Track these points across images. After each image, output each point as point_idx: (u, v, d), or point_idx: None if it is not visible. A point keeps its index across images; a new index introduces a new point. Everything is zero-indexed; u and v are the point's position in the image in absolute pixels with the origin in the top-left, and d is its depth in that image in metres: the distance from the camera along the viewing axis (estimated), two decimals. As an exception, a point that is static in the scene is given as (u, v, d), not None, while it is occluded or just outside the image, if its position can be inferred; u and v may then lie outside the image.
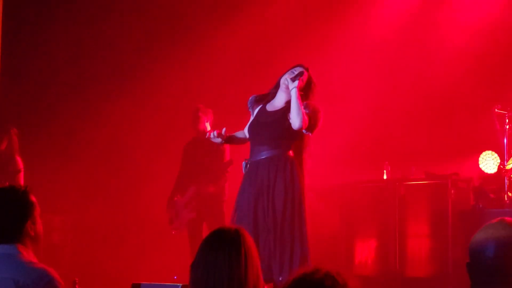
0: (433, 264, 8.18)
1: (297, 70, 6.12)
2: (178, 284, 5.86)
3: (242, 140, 6.36)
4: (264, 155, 6.05)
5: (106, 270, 9.62)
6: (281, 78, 6.17)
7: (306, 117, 5.95)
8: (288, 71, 6.17)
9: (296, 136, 6.06)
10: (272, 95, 6.25)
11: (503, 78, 8.73)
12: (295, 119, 5.91)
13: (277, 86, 6.21)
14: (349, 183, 9.00)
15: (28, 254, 3.46)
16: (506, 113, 7.83)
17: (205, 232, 8.41)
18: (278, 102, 6.19)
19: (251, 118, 6.26)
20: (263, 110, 6.22)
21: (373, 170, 9.10)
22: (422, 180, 8.57)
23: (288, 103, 6.05)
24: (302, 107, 5.94)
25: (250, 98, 6.35)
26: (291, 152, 6.05)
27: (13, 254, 3.43)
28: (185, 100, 10.14)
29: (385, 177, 8.91)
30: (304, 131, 6.01)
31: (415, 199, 8.48)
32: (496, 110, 7.88)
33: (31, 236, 3.51)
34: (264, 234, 5.95)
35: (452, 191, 8.26)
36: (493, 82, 8.95)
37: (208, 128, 8.57)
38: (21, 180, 8.88)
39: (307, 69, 6.16)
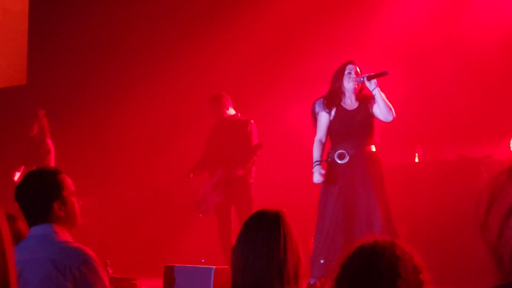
0: (466, 249, 8.10)
1: (351, 68, 6.61)
2: (212, 266, 5.86)
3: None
4: (355, 150, 6.52)
5: (136, 252, 9.66)
6: (340, 80, 6.63)
7: (393, 109, 6.53)
8: (343, 70, 6.64)
9: (377, 127, 6.69)
10: (338, 97, 6.66)
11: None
12: (388, 115, 6.51)
13: (338, 89, 6.64)
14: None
15: (63, 234, 3.46)
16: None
17: (233, 216, 8.38)
18: (351, 102, 6.67)
19: (330, 118, 6.65)
20: (342, 110, 6.65)
21: (405, 153, 9.03)
22: (454, 163, 8.49)
23: (362, 100, 6.61)
24: (385, 100, 6.50)
25: (317, 102, 6.75)
26: (373, 148, 6.63)
27: (48, 234, 3.43)
28: (201, 87, 10.15)
29: (417, 160, 8.83)
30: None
31: (448, 182, 8.40)
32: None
33: (62, 216, 3.50)
34: (354, 224, 6.39)
35: (485, 174, 8.16)
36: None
37: (233, 112, 8.56)
38: (51, 161, 8.92)
39: (383, 73, 6.53)
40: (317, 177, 6.53)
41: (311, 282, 6.25)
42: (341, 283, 2.34)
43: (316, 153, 6.63)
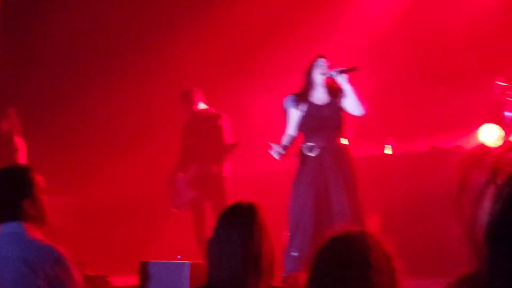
0: (438, 238, 8.17)
1: (322, 62, 6.67)
2: (187, 261, 5.87)
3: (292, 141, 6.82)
4: (325, 143, 6.57)
5: (110, 250, 9.63)
6: (311, 74, 6.69)
7: (363, 104, 6.59)
8: (314, 65, 6.70)
9: (347, 122, 6.74)
10: (309, 91, 6.73)
11: (505, 50, 8.68)
12: (358, 109, 6.58)
13: (309, 83, 6.71)
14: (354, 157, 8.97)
15: (34, 232, 3.44)
16: (507, 85, 7.79)
17: (208, 211, 8.39)
18: (321, 96, 6.73)
19: (300, 114, 6.70)
20: (312, 105, 6.70)
21: (376, 145, 9.08)
22: (426, 154, 8.57)
23: (332, 95, 6.66)
24: (356, 95, 6.57)
25: (288, 98, 6.80)
26: (344, 141, 6.68)
27: (19, 232, 3.42)
28: (176, 84, 10.14)
29: (389, 151, 8.89)
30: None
31: (419, 173, 8.48)
32: (497, 82, 7.85)
33: (32, 214, 3.48)
34: (326, 217, 6.44)
35: (456, 164, 8.24)
36: (494, 54, 8.90)
37: (205, 106, 8.58)
38: (21, 159, 8.86)
39: (353, 68, 6.64)
40: (275, 154, 6.57)
41: (285, 276, 6.28)
42: (314, 275, 2.37)
43: (282, 141, 6.71)
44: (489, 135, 8.43)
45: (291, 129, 6.75)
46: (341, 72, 6.55)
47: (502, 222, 0.82)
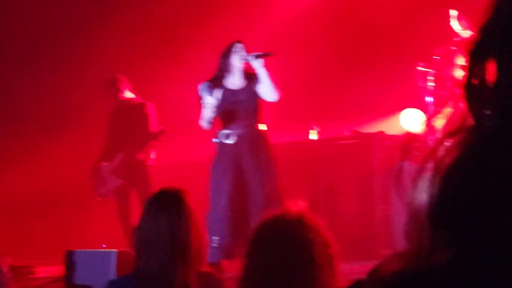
0: (361, 222, 8.30)
1: (240, 47, 6.64)
2: (113, 250, 5.84)
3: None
4: (241, 129, 6.56)
5: (35, 240, 9.51)
6: (228, 58, 6.65)
7: (277, 89, 6.57)
8: (231, 50, 6.66)
9: (264, 107, 6.72)
10: (225, 76, 6.70)
11: (426, 34, 8.83)
12: (272, 95, 6.56)
13: (225, 68, 6.68)
14: (277, 144, 9.02)
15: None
16: (429, 70, 7.93)
17: (134, 199, 8.37)
18: (237, 81, 6.70)
19: (216, 100, 6.59)
20: (228, 90, 6.65)
21: (301, 131, 9.16)
22: (349, 140, 8.68)
23: (248, 80, 6.64)
24: (270, 80, 6.54)
25: (202, 85, 6.71)
26: (262, 126, 6.68)
27: None
28: (102, 72, 10.04)
29: (313, 137, 8.97)
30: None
31: (343, 158, 8.59)
32: (419, 67, 7.98)
33: None
34: (243, 203, 6.45)
35: (379, 149, 8.39)
36: (415, 40, 9.05)
37: (130, 95, 8.54)
38: None
39: (268, 54, 6.63)
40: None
41: (210, 262, 6.31)
42: (253, 259, 2.36)
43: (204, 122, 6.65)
44: (410, 120, 8.59)
45: (206, 116, 6.65)
46: (257, 57, 6.53)
47: (439, 203, 0.86)
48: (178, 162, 9.71)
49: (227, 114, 6.61)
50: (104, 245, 7.80)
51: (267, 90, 6.56)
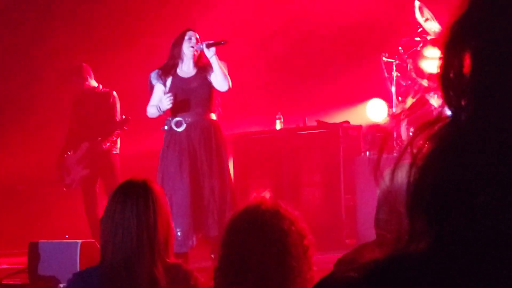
0: (327, 212, 8.33)
1: (192, 35, 6.61)
2: (78, 240, 5.80)
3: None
4: (192, 118, 6.52)
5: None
6: (180, 46, 6.60)
7: (229, 79, 6.53)
8: (183, 36, 6.62)
9: (216, 96, 6.66)
10: (176, 64, 6.65)
11: (391, 25, 8.88)
12: (223, 83, 6.50)
13: (177, 56, 6.63)
14: (241, 134, 9.05)
15: None
16: (393, 61, 7.98)
17: (100, 189, 8.32)
18: (188, 69, 6.65)
19: (166, 89, 6.58)
20: (179, 78, 6.62)
21: (266, 121, 9.18)
22: (313, 130, 8.71)
23: (200, 68, 6.60)
24: (223, 69, 6.50)
25: (153, 73, 6.70)
26: (214, 115, 6.63)
27: None
28: (63, 59, 9.97)
29: (278, 127, 8.99)
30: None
31: (308, 148, 8.62)
32: (384, 58, 8.02)
33: None
34: (195, 193, 6.39)
35: (343, 139, 8.42)
36: (380, 30, 9.09)
37: (95, 84, 8.47)
38: None
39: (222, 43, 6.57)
40: (166, 101, 6.46)
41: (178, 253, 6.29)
42: (228, 249, 2.36)
43: (154, 107, 6.59)
44: (375, 110, 8.64)
45: (155, 102, 6.62)
46: (209, 45, 6.49)
47: (417, 192, 0.88)
48: (141, 151, 9.66)
49: (177, 102, 6.53)
50: (67, 236, 7.76)
51: (218, 79, 6.52)
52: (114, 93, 8.43)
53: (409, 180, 0.88)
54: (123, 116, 8.32)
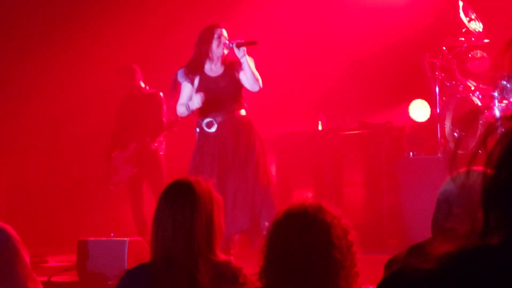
0: (369, 212, 8.34)
1: (221, 33, 6.37)
2: (125, 238, 5.90)
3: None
4: (222, 117, 6.39)
5: (47, 228, 9.55)
6: (209, 44, 6.38)
7: (260, 79, 6.34)
8: (212, 34, 6.40)
9: (245, 93, 6.47)
10: (204, 62, 6.46)
11: (434, 26, 8.84)
12: (254, 85, 6.33)
13: (204, 54, 6.41)
14: (284, 134, 9.07)
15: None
16: (437, 61, 7.95)
17: (146, 189, 8.40)
18: (216, 67, 6.47)
19: (194, 87, 6.44)
20: (206, 77, 6.45)
21: (308, 121, 9.19)
22: (356, 130, 8.70)
23: (227, 65, 6.41)
24: (253, 69, 6.32)
25: (180, 71, 6.52)
26: (243, 111, 6.47)
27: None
28: (108, 59, 10.06)
29: (320, 127, 9.00)
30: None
31: (350, 148, 8.61)
32: (427, 58, 8.00)
33: None
34: (228, 191, 6.24)
35: (386, 139, 8.42)
36: (424, 31, 9.06)
37: (142, 84, 8.56)
38: None
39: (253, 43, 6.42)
40: (197, 100, 6.37)
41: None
42: (273, 247, 2.41)
43: (183, 106, 6.49)
44: (418, 111, 8.62)
45: (184, 100, 6.51)
46: (240, 44, 6.31)
47: (495, 186, 0.93)
48: (182, 151, 9.74)
49: (206, 101, 6.38)
50: (112, 234, 7.87)
51: (249, 81, 6.35)
52: (161, 94, 8.50)
53: (485, 177, 0.93)
54: (172, 117, 8.36)
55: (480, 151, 0.98)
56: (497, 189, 0.93)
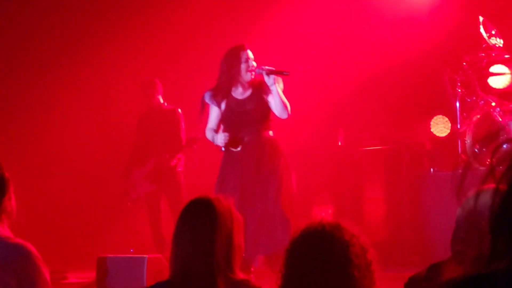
0: (390, 229, 8.29)
1: (249, 56, 6.30)
2: (144, 255, 5.90)
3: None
4: (248, 137, 6.31)
5: (66, 244, 9.57)
6: (237, 67, 6.28)
7: (288, 106, 6.27)
8: (239, 58, 6.29)
9: (273, 114, 6.38)
10: (231, 86, 6.38)
11: (455, 41, 8.81)
12: (283, 113, 6.25)
13: (232, 77, 6.32)
14: (304, 150, 9.05)
15: (4, 230, 3.43)
16: (457, 77, 7.92)
17: (164, 205, 8.40)
18: (244, 90, 6.37)
19: (221, 110, 6.39)
20: (234, 100, 6.37)
21: (328, 136, 9.17)
22: (376, 146, 8.67)
23: (255, 88, 6.31)
24: (282, 97, 6.24)
25: (206, 94, 6.44)
26: (271, 132, 6.38)
27: (-11, 230, 3.39)
28: (127, 76, 10.10)
29: (340, 143, 8.98)
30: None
31: (371, 164, 8.58)
32: (448, 74, 7.97)
33: (8, 211, 3.47)
34: (251, 211, 6.14)
35: (406, 155, 8.38)
36: (445, 46, 9.03)
37: (161, 100, 8.58)
38: None
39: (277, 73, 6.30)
40: (220, 139, 6.31)
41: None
42: (290, 271, 2.39)
43: (212, 133, 6.43)
44: (440, 126, 8.58)
45: (213, 124, 6.44)
46: (270, 73, 6.18)
47: (503, 211, 0.91)
48: (203, 168, 9.73)
49: (234, 124, 6.33)
50: (131, 250, 7.87)
51: (277, 107, 6.24)
52: (179, 110, 8.52)
53: (494, 202, 0.91)
54: (192, 135, 8.35)
55: (491, 172, 0.96)
56: (505, 213, 0.92)
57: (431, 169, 7.95)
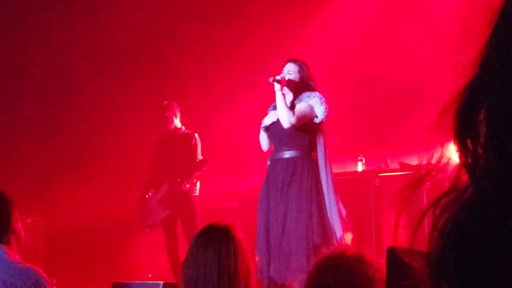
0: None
1: (288, 68, 6.30)
2: (160, 282, 5.82)
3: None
4: (280, 154, 6.26)
5: (82, 270, 9.54)
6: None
7: (291, 114, 6.11)
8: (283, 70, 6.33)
9: (307, 131, 6.24)
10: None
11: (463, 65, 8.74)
12: (284, 121, 6.12)
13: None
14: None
15: (13, 254, 3.42)
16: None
17: (180, 229, 8.37)
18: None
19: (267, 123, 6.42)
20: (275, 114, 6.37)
21: (347, 163, 9.10)
22: (396, 172, 8.60)
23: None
24: (286, 106, 6.13)
25: (271, 107, 6.49)
26: (305, 149, 6.23)
27: (0, 255, 3.38)
28: (153, 96, 10.10)
29: (359, 169, 8.91)
30: (316, 120, 6.21)
31: (391, 190, 8.50)
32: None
33: (16, 234, 3.46)
34: (288, 236, 6.07)
35: (428, 181, 8.28)
36: (463, 71, 8.95)
37: (179, 124, 8.55)
38: None
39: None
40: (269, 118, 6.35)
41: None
42: None
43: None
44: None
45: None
46: (274, 80, 6.17)
47: (439, 259, 0.85)
48: (220, 193, 9.68)
49: (272, 138, 6.36)
50: (149, 275, 7.80)
51: (280, 115, 6.16)
52: (196, 135, 8.49)
53: (430, 248, 0.85)
54: (201, 157, 8.33)
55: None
56: (445, 261, 0.85)
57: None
